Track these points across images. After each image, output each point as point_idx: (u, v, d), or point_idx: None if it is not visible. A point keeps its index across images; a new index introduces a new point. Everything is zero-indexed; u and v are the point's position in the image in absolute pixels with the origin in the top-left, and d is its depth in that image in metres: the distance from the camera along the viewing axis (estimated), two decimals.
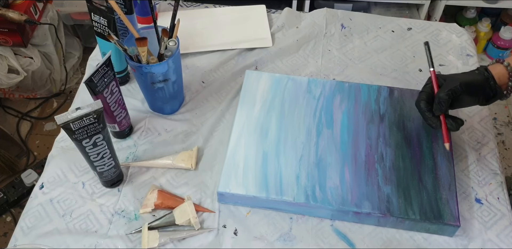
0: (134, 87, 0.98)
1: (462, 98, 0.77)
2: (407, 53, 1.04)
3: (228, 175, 0.80)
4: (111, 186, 0.83)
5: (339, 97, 0.90)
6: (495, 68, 0.77)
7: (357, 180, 0.79)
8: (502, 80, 0.77)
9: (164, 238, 0.76)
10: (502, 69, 0.77)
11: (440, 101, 0.76)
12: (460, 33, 1.08)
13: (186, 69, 1.01)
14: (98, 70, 0.75)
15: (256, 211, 0.80)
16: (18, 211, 1.59)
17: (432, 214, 0.75)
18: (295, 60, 1.03)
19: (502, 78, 0.77)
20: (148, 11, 1.02)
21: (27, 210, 0.81)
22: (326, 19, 1.10)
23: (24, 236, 0.78)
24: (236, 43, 1.05)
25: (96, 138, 0.72)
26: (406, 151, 0.83)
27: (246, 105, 0.89)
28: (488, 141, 0.89)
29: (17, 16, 1.51)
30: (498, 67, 0.77)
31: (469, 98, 0.77)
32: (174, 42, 0.82)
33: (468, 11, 2.00)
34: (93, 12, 0.84)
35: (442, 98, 0.75)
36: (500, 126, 1.85)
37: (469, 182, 0.84)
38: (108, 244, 0.77)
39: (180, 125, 0.92)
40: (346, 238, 0.78)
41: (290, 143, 0.84)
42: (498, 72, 0.77)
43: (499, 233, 0.78)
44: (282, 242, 0.77)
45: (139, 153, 0.88)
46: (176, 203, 0.80)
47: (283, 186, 0.78)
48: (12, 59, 1.63)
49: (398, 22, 1.10)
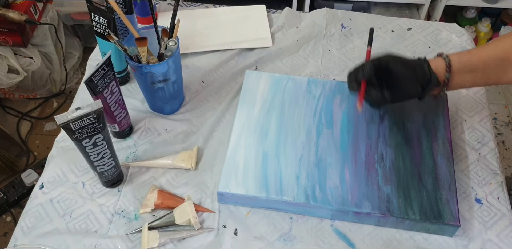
0: (134, 87, 0.98)
1: (392, 76, 0.76)
2: (407, 53, 1.04)
3: (228, 175, 0.80)
4: (111, 186, 0.83)
5: (339, 97, 0.90)
6: (434, 60, 0.77)
7: (357, 180, 0.79)
8: (439, 70, 0.77)
9: (164, 238, 0.76)
10: (440, 60, 0.77)
11: (363, 65, 0.77)
12: (460, 33, 1.08)
13: (186, 69, 1.01)
14: (98, 70, 0.75)
15: (256, 211, 0.80)
16: (18, 211, 1.59)
17: (432, 214, 0.75)
18: (295, 60, 1.03)
19: (439, 68, 0.77)
20: (148, 11, 1.02)
21: (27, 210, 0.81)
22: (326, 19, 1.10)
23: (24, 236, 0.78)
24: (236, 43, 1.05)
25: (96, 138, 0.72)
26: (406, 151, 0.83)
27: (246, 105, 0.89)
28: (488, 141, 0.89)
29: (17, 16, 1.51)
30: (437, 59, 0.77)
31: (401, 77, 0.76)
32: (174, 42, 0.82)
33: (468, 11, 2.00)
34: (93, 12, 0.84)
35: (367, 64, 0.77)
36: (500, 126, 1.86)
37: (469, 182, 0.84)
38: (108, 244, 0.77)
39: (180, 124, 0.92)
40: (346, 238, 0.78)
41: (290, 143, 0.84)
42: (435, 63, 0.77)
43: (499, 233, 0.78)
44: (282, 242, 0.77)
45: (139, 153, 0.88)
46: (176, 203, 0.80)
47: (283, 186, 0.78)
48: (12, 59, 1.63)
49: (398, 22, 1.10)
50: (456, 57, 0.77)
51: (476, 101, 0.95)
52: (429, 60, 0.77)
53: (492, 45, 0.77)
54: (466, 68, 0.76)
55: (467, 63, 0.76)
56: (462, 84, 0.79)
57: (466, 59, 0.76)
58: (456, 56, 0.77)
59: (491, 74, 0.77)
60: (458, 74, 0.76)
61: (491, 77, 0.77)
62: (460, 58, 0.77)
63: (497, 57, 0.75)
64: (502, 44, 0.76)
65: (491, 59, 0.75)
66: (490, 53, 0.76)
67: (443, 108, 0.88)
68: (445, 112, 0.88)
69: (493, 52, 0.75)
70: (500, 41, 0.77)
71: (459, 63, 0.76)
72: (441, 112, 0.88)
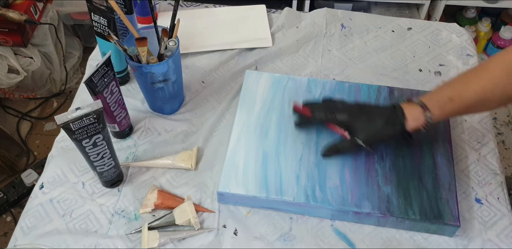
0: (134, 87, 0.98)
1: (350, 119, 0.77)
2: (407, 53, 1.04)
3: (228, 175, 0.80)
4: (111, 186, 0.83)
5: (339, 97, 0.90)
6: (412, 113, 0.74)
7: (357, 180, 0.79)
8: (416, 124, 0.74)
9: (164, 238, 0.76)
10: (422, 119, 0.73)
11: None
12: (460, 33, 1.08)
13: (186, 69, 1.01)
14: (98, 70, 0.75)
15: (256, 211, 0.80)
16: (18, 211, 1.59)
17: (432, 214, 0.75)
18: (295, 60, 1.03)
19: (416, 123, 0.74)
20: (148, 11, 1.02)
21: (27, 210, 0.81)
22: (326, 19, 1.10)
23: (24, 236, 0.78)
24: (236, 43, 1.05)
25: (96, 138, 0.72)
26: (406, 151, 0.83)
27: (246, 105, 0.89)
28: (488, 140, 0.89)
29: (17, 16, 1.51)
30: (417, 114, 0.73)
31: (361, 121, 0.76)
32: (174, 42, 0.82)
33: (468, 11, 2.00)
34: (93, 12, 0.84)
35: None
36: (500, 125, 1.85)
37: (469, 182, 0.84)
38: (108, 244, 0.77)
39: (180, 125, 0.92)
40: (346, 238, 0.78)
41: (290, 143, 0.84)
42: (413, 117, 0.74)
43: (499, 233, 0.78)
44: (282, 242, 0.77)
45: (139, 153, 0.88)
46: (176, 203, 0.80)
47: (283, 186, 0.78)
48: (12, 59, 1.63)
49: (398, 22, 1.10)
50: (438, 110, 0.73)
51: None
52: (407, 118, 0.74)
53: (473, 83, 0.71)
54: (446, 117, 0.75)
55: (448, 114, 0.74)
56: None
57: (449, 111, 0.73)
58: (437, 110, 0.73)
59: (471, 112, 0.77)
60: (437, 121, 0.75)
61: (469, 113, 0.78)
62: (442, 111, 0.73)
63: (478, 99, 0.71)
64: (481, 83, 0.70)
65: (472, 104, 0.72)
66: (471, 95, 0.71)
67: None
68: None
69: (475, 95, 0.70)
70: (480, 77, 0.71)
71: (441, 116, 0.73)
72: None
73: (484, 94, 0.70)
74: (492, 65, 0.71)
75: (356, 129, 0.77)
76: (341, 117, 0.78)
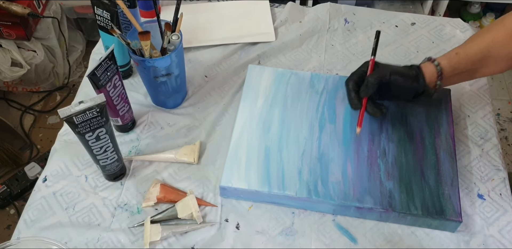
0: (137, 81, 0.98)
1: (390, 88, 0.78)
2: (410, 48, 1.03)
3: (230, 169, 0.80)
4: (114, 180, 0.83)
5: (342, 92, 0.90)
6: (426, 66, 0.78)
7: (359, 175, 0.79)
8: (431, 79, 0.78)
9: (166, 232, 0.76)
10: (432, 68, 0.78)
11: (367, 84, 0.77)
12: (464, 28, 1.07)
13: (189, 63, 1.01)
14: (101, 64, 0.75)
15: (258, 206, 0.81)
16: (21, 203, 1.60)
17: (434, 210, 0.75)
18: (298, 55, 1.03)
19: (431, 77, 0.78)
20: (151, 5, 1.02)
21: (30, 203, 0.82)
22: (330, 13, 1.10)
23: (27, 229, 0.79)
24: (239, 38, 1.05)
25: (99, 132, 0.72)
26: (409, 146, 0.83)
27: (249, 100, 0.89)
28: (491, 136, 0.89)
29: (20, 9, 1.51)
30: (429, 66, 0.78)
31: (396, 89, 0.78)
32: (177, 36, 0.82)
33: (473, 6, 1.99)
34: (96, 6, 0.84)
35: (370, 82, 0.77)
36: (503, 121, 1.85)
37: (472, 177, 0.84)
38: (111, 237, 0.77)
39: (182, 119, 0.92)
40: (348, 233, 0.78)
41: (293, 137, 0.84)
42: (428, 71, 0.78)
43: (501, 229, 0.78)
44: (284, 237, 0.77)
45: (142, 146, 0.88)
46: (178, 197, 0.80)
47: (285, 180, 0.78)
48: (15, 52, 1.63)
49: (402, 17, 1.10)
50: (446, 62, 0.78)
51: (480, 97, 0.95)
52: (422, 68, 0.78)
53: (477, 41, 0.77)
54: (456, 71, 0.78)
55: (456, 66, 0.78)
56: (447, 85, 0.82)
57: (455, 62, 0.77)
58: (446, 61, 0.78)
59: (475, 72, 0.79)
60: (447, 79, 0.79)
61: (473, 75, 0.80)
62: (450, 62, 0.78)
63: (482, 55, 0.76)
64: (485, 40, 0.76)
65: (477, 59, 0.77)
66: (476, 51, 0.76)
67: (446, 104, 0.88)
68: (448, 107, 0.87)
69: (479, 50, 0.76)
70: (483, 37, 0.77)
71: (450, 68, 0.77)
72: (444, 107, 0.87)
73: (488, 51, 0.76)
74: (495, 27, 0.77)
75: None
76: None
